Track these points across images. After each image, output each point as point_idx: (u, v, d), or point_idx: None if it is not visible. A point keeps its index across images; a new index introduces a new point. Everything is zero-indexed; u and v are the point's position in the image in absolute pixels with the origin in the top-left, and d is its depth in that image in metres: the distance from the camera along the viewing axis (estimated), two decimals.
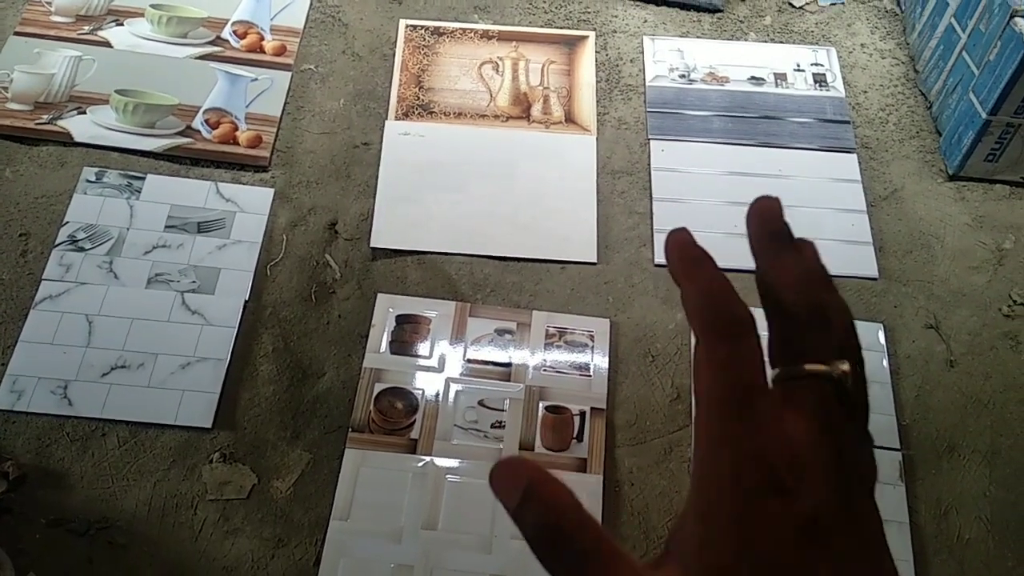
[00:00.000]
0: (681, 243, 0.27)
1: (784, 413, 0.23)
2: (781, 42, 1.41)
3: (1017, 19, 1.14)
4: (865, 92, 1.36)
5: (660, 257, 1.18)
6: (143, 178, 1.19)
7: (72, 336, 1.07)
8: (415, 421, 1.04)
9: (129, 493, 0.99)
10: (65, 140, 1.21)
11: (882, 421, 1.09)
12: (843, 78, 1.36)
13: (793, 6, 1.47)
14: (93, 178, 1.18)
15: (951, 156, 1.27)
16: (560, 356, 1.10)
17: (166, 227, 1.16)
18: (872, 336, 1.14)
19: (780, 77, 1.35)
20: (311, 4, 1.38)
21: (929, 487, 1.05)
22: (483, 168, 1.23)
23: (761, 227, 0.27)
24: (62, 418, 1.02)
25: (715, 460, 0.22)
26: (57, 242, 1.13)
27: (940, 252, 1.22)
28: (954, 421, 1.10)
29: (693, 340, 0.26)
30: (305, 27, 1.35)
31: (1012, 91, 1.15)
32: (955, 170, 1.26)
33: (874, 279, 1.18)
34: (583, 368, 1.09)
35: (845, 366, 0.24)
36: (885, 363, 1.13)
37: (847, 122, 1.31)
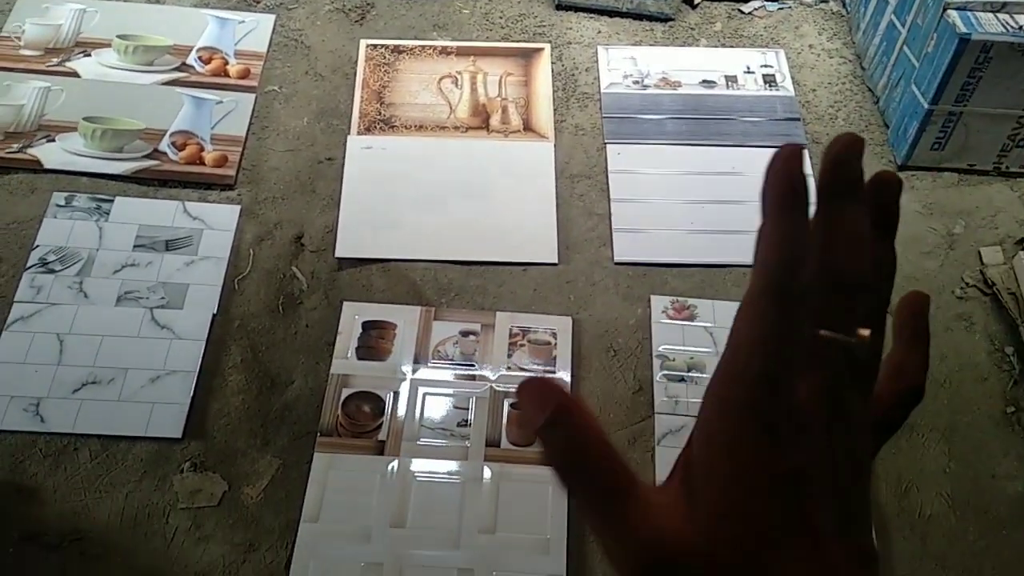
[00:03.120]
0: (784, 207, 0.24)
1: (800, 372, 0.22)
2: (731, 46, 1.46)
3: (950, 11, 1.18)
4: (814, 90, 1.41)
5: (620, 255, 1.21)
6: (112, 200, 1.22)
7: (44, 355, 1.09)
8: (382, 423, 1.06)
9: (102, 505, 1.01)
10: (35, 167, 1.24)
11: None
12: (792, 78, 1.41)
13: (743, 12, 1.51)
14: (63, 202, 1.21)
15: (899, 147, 1.31)
16: (524, 355, 1.12)
17: (135, 247, 1.18)
18: None
19: (731, 79, 1.39)
20: (274, 28, 1.42)
21: (889, 466, 1.07)
22: (445, 177, 1.27)
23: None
24: (35, 434, 1.04)
25: (730, 391, 0.22)
26: (28, 265, 1.15)
27: None
28: None
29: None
30: (269, 50, 1.39)
31: (950, 80, 1.19)
32: (903, 160, 1.30)
33: None
34: (547, 365, 1.11)
35: (865, 332, 0.23)
36: None
37: (797, 119, 1.35)
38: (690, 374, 1.11)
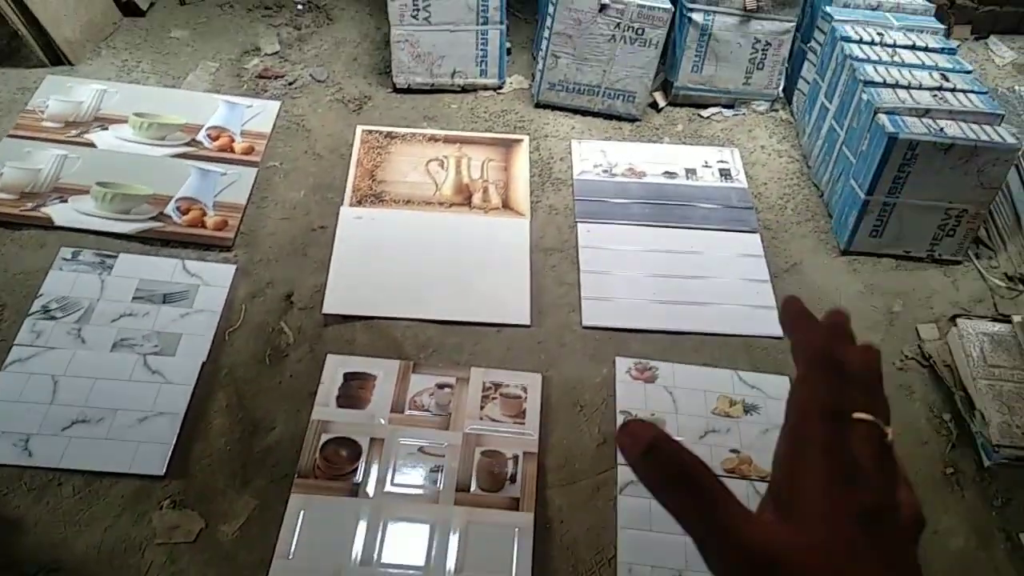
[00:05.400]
0: (800, 319, 0.31)
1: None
2: (691, 144, 1.61)
3: (880, 115, 1.34)
4: (765, 184, 1.55)
5: (587, 320, 1.30)
6: (115, 256, 1.30)
7: (37, 394, 1.14)
8: (358, 467, 1.11)
9: (81, 538, 1.03)
10: (46, 224, 1.33)
11: None
12: (746, 172, 1.56)
13: (702, 116, 1.68)
14: (69, 256, 1.29)
15: (841, 234, 1.44)
16: (496, 407, 1.19)
17: (134, 298, 1.26)
18: (782, 387, 1.25)
19: (690, 171, 1.54)
20: (279, 113, 1.56)
21: None
22: (428, 245, 1.37)
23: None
24: (21, 468, 1.08)
25: (806, 428, 0.28)
26: (31, 311, 1.22)
27: None
28: None
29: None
30: (272, 131, 1.53)
31: (882, 174, 1.34)
32: (845, 246, 1.43)
33: (780, 338, 1.31)
34: (518, 417, 1.18)
35: (890, 430, 0.30)
36: None
37: (751, 207, 1.49)
38: None
